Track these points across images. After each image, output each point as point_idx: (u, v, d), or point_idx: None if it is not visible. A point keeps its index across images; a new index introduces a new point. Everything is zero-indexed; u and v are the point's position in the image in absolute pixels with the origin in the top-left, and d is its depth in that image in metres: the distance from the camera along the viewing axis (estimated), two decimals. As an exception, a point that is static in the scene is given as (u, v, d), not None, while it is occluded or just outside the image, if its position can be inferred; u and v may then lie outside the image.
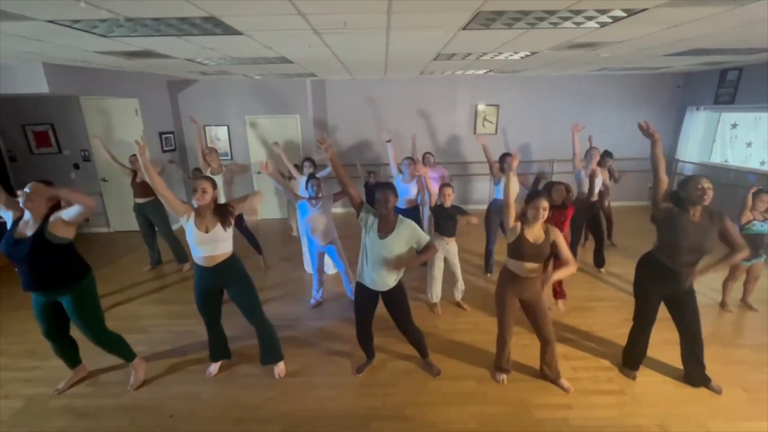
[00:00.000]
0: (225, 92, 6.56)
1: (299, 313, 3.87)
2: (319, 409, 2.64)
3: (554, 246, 2.54)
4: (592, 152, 4.49)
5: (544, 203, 2.47)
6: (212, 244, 2.56)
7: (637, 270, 2.77)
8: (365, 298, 2.70)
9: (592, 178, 4.35)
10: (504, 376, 2.87)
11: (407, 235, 2.53)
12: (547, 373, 2.85)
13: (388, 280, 2.60)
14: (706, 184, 2.40)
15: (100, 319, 2.75)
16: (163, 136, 6.31)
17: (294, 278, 4.64)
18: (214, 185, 2.60)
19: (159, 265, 5.06)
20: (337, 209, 3.72)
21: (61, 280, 2.53)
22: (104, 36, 2.80)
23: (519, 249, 2.54)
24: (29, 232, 2.41)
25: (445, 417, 2.56)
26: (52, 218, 2.44)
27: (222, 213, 2.59)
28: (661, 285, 2.63)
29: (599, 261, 4.66)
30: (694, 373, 2.77)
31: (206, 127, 6.74)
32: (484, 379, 2.90)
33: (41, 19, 2.32)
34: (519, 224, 2.55)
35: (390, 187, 2.56)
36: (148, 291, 4.43)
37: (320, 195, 3.67)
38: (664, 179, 2.50)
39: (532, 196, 2.53)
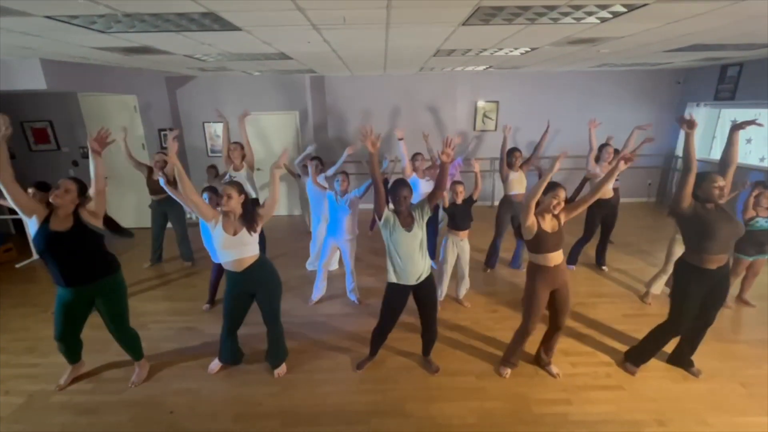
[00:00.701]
0: (224, 89, 6.53)
1: (299, 309, 3.88)
2: (320, 405, 2.66)
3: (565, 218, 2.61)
4: (608, 149, 4.42)
5: (563, 193, 2.51)
6: (239, 248, 2.56)
7: (675, 277, 2.76)
8: (399, 297, 2.70)
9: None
10: (508, 371, 2.89)
11: (420, 214, 2.59)
12: (543, 357, 2.91)
13: (424, 265, 2.64)
14: (722, 182, 2.44)
15: (127, 314, 2.81)
16: (162, 133, 6.30)
17: (295, 275, 4.64)
18: (240, 190, 2.57)
19: (159, 262, 5.07)
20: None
21: (103, 269, 2.61)
22: (102, 32, 2.78)
23: (542, 243, 2.55)
24: (68, 224, 2.45)
25: (445, 412, 2.57)
26: (80, 210, 2.51)
27: (248, 220, 2.59)
28: (699, 289, 2.62)
29: (602, 259, 4.65)
30: (685, 353, 2.84)
31: (205, 124, 6.73)
32: (484, 375, 2.91)
33: (39, 15, 2.30)
34: (534, 221, 2.56)
35: (403, 183, 2.56)
36: (148, 288, 4.43)
37: (347, 191, 3.67)
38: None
39: (550, 186, 2.54)
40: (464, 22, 2.72)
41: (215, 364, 3.00)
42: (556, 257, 2.59)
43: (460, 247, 3.69)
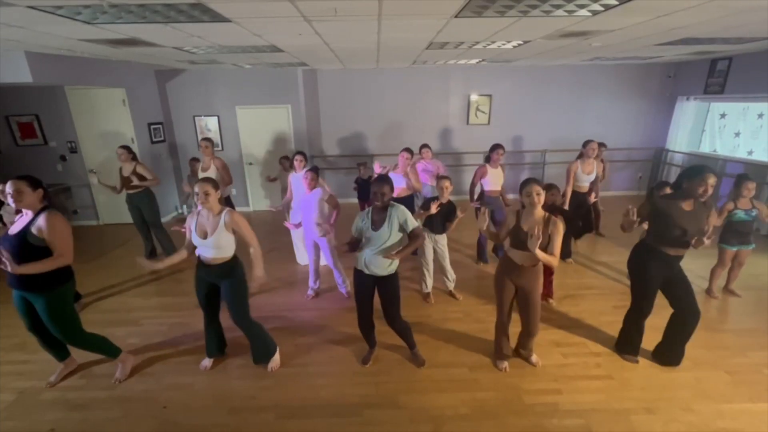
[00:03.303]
0: (215, 82, 6.45)
1: (291, 304, 3.88)
2: (313, 398, 2.67)
3: (549, 238, 2.50)
4: (592, 145, 4.39)
5: (536, 188, 2.48)
6: (210, 249, 2.56)
7: (632, 259, 2.80)
8: (363, 284, 2.72)
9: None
10: (506, 364, 2.91)
11: (398, 220, 2.54)
12: (522, 353, 2.98)
13: (384, 265, 2.62)
14: (711, 180, 2.40)
15: (73, 324, 2.67)
16: (152, 127, 6.21)
17: (286, 269, 4.63)
18: (216, 185, 2.55)
19: (154, 256, 5.02)
20: (340, 199, 3.75)
21: (36, 284, 2.44)
22: (88, 23, 2.73)
23: (515, 238, 2.58)
24: (16, 229, 2.39)
25: (438, 404, 2.60)
26: (37, 222, 2.38)
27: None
28: (658, 270, 2.66)
29: (567, 249, 4.63)
30: (678, 350, 2.84)
31: (196, 118, 6.66)
32: (476, 367, 2.94)
33: (22, 5, 2.25)
34: (515, 215, 2.60)
35: (386, 180, 2.53)
36: (140, 283, 4.40)
37: (314, 187, 3.61)
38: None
39: (523, 183, 2.54)
40: (457, 14, 2.72)
41: (207, 361, 2.98)
42: (527, 258, 2.55)
43: (435, 241, 3.67)
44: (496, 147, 4.32)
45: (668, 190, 3.48)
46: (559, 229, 2.48)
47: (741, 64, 5.64)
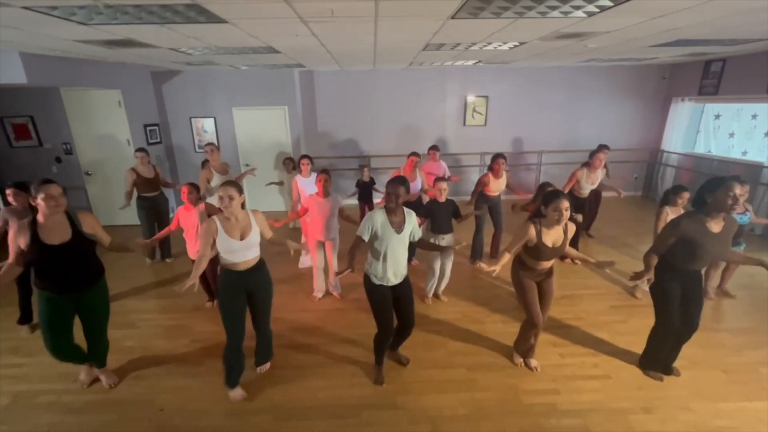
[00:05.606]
0: (211, 83, 6.43)
1: (290, 306, 3.86)
2: (311, 399, 2.66)
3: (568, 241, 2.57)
4: (599, 156, 4.45)
5: (566, 203, 2.37)
6: (245, 251, 2.47)
7: (657, 274, 2.63)
8: (385, 297, 2.62)
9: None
10: (521, 360, 2.92)
11: (413, 225, 2.63)
12: (519, 349, 2.94)
13: (404, 267, 2.65)
14: (738, 190, 2.18)
15: (108, 319, 2.75)
16: (148, 128, 6.19)
17: (287, 271, 4.62)
18: (240, 189, 2.43)
19: (163, 258, 5.02)
20: (346, 201, 3.73)
21: (96, 275, 2.56)
22: (83, 24, 2.71)
23: (538, 253, 2.52)
24: (64, 236, 2.35)
25: (436, 404, 2.59)
26: (81, 217, 2.46)
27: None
28: (677, 284, 2.57)
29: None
30: (670, 359, 2.79)
31: (192, 119, 6.64)
32: (475, 367, 2.94)
33: (16, 5, 2.23)
34: (533, 230, 2.48)
35: (402, 182, 2.49)
36: (136, 286, 4.37)
37: (329, 192, 3.58)
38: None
39: (551, 197, 2.41)
40: (453, 16, 2.72)
41: (237, 391, 2.69)
42: (546, 264, 2.61)
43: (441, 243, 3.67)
44: (496, 157, 4.31)
45: (685, 195, 3.39)
46: (574, 231, 2.59)
47: (735, 65, 5.69)
